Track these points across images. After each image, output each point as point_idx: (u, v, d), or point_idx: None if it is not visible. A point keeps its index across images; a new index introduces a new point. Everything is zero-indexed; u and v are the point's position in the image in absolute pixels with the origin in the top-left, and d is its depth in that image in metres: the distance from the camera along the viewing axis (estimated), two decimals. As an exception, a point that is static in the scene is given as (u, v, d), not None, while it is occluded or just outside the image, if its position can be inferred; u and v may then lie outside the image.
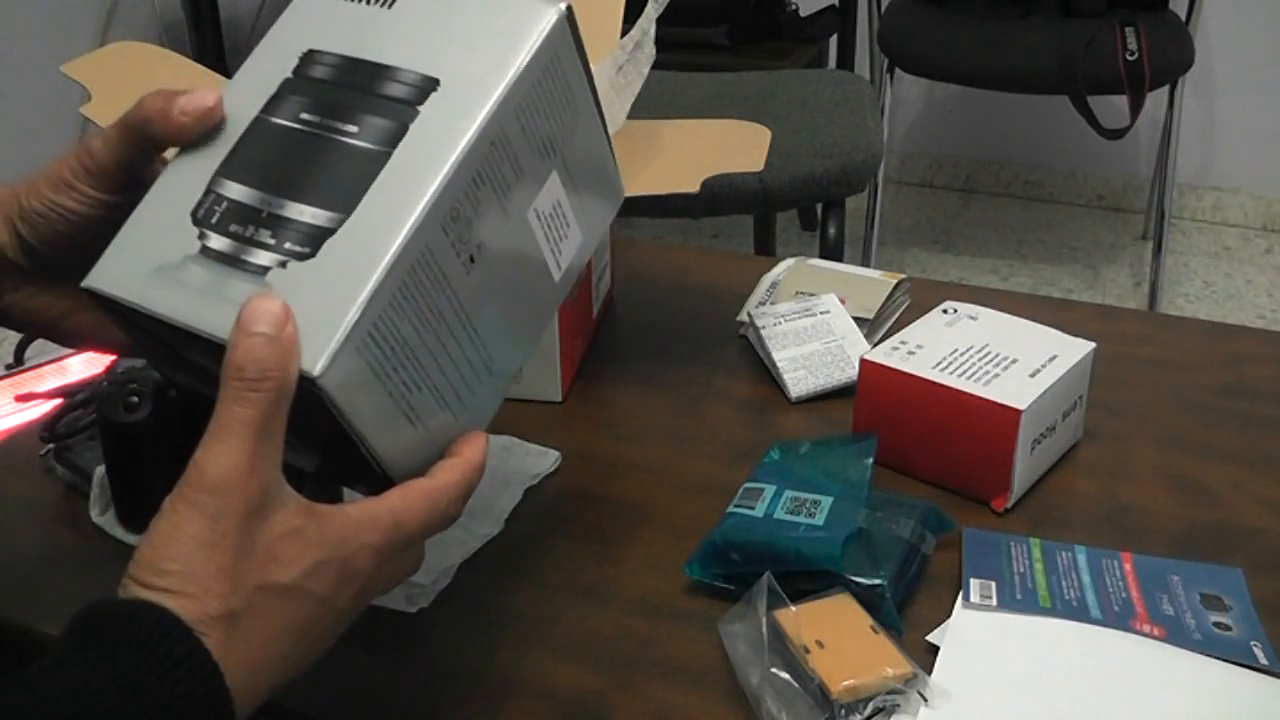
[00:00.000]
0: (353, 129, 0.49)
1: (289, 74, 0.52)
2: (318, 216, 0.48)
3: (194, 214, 0.50)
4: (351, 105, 0.50)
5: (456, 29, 0.51)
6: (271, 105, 0.51)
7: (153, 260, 0.49)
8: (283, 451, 0.45)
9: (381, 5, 0.53)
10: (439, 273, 0.48)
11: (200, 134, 0.51)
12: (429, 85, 0.50)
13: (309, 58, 0.52)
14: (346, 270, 0.46)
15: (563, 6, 0.51)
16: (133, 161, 0.53)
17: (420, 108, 0.49)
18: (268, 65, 0.53)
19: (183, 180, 0.51)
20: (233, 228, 0.49)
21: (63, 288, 0.56)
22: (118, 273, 0.50)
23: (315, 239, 0.47)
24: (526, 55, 0.50)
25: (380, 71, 0.51)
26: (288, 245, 0.47)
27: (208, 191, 0.50)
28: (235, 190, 0.50)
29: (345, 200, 0.48)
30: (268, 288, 0.46)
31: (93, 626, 0.42)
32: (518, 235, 0.53)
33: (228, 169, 0.50)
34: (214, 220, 0.49)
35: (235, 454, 0.43)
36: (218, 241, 0.49)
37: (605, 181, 0.59)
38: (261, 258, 0.47)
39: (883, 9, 2.37)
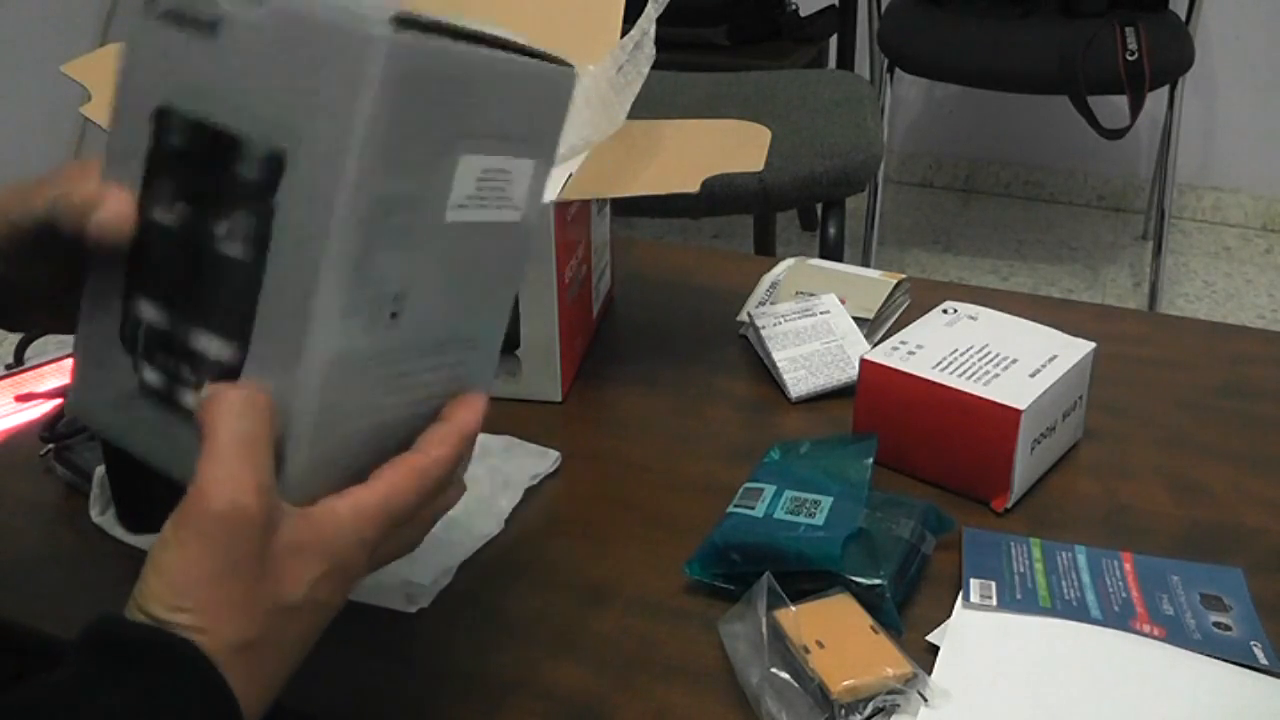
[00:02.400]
0: (221, 229, 0.46)
1: (150, 142, 0.48)
2: (221, 351, 0.47)
3: (122, 336, 0.49)
4: (212, 192, 0.46)
5: (286, 75, 0.44)
6: (148, 193, 0.48)
7: (110, 391, 0.50)
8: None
9: (207, 36, 0.46)
10: (362, 355, 0.47)
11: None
12: (276, 164, 0.44)
13: (163, 120, 0.48)
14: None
15: (387, 21, 0.43)
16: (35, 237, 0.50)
17: (275, 199, 0.45)
18: (130, 126, 0.49)
19: (105, 288, 0.50)
20: (158, 357, 0.48)
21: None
22: (89, 404, 0.51)
23: (229, 375, 0.46)
24: (367, 111, 0.43)
25: (229, 146, 0.46)
26: (208, 384, 0.47)
27: (126, 310, 0.49)
28: (147, 310, 0.49)
29: (239, 327, 0.46)
30: None
31: (116, 646, 0.41)
32: (444, 243, 0.49)
33: (135, 282, 0.49)
34: (140, 348, 0.49)
35: (238, 478, 0.43)
36: (151, 375, 0.49)
37: (538, 87, 0.51)
38: (190, 399, 0.47)
39: (883, 9, 2.37)
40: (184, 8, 0.46)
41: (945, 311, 0.81)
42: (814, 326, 0.88)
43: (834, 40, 2.37)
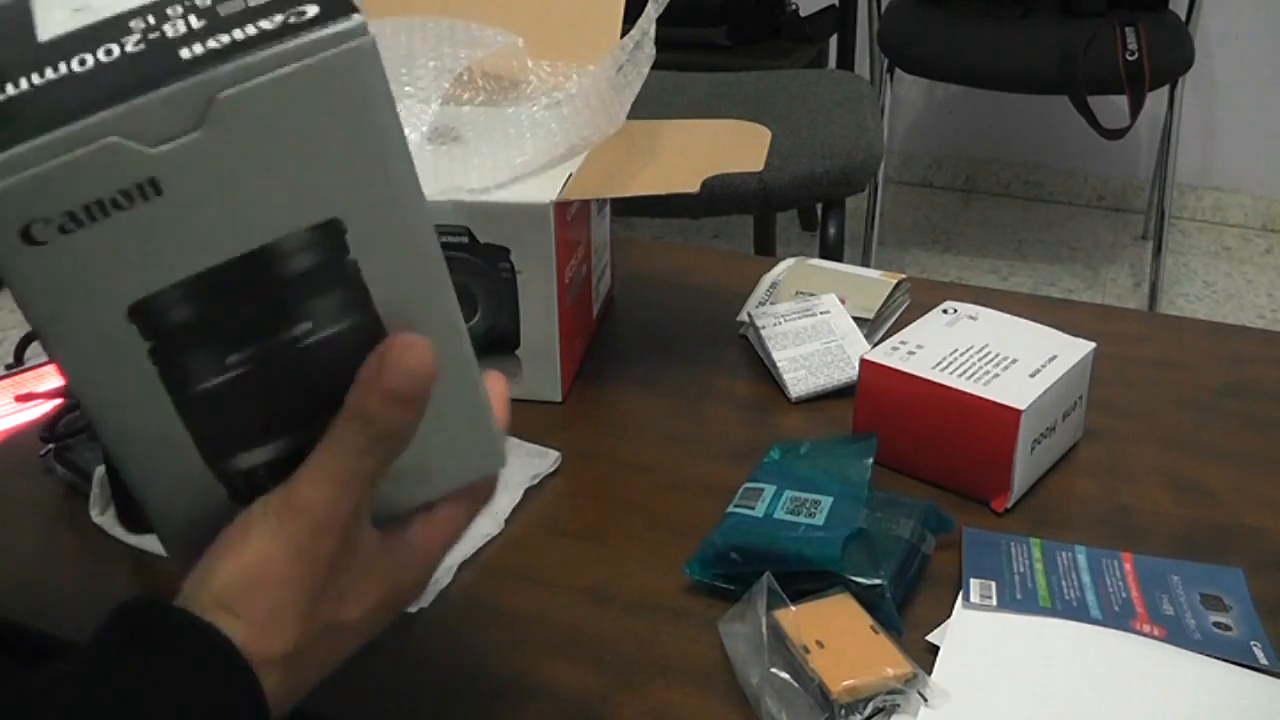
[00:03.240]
0: (300, 329, 0.39)
1: (144, 340, 0.38)
2: None
3: (228, 489, 0.44)
4: (271, 306, 0.39)
5: (273, 157, 0.37)
6: (175, 379, 0.39)
7: (200, 512, 0.44)
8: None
9: (149, 198, 0.36)
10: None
11: None
12: (335, 229, 0.38)
13: (147, 314, 0.38)
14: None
15: (352, 17, 0.36)
16: None
17: (350, 256, 0.38)
18: (95, 348, 0.38)
19: (159, 472, 0.43)
20: (280, 477, 0.42)
21: None
22: (180, 535, 0.45)
23: None
24: (381, 113, 0.37)
25: (252, 265, 0.38)
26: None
27: (221, 472, 0.43)
28: (256, 456, 0.43)
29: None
30: None
31: (152, 628, 0.41)
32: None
33: (219, 449, 0.42)
34: (254, 487, 0.43)
35: (344, 503, 0.42)
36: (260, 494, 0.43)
37: None
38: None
39: (883, 9, 2.37)
40: (100, 192, 0.35)
41: (945, 311, 0.81)
42: (814, 326, 0.88)
43: (834, 40, 2.37)
